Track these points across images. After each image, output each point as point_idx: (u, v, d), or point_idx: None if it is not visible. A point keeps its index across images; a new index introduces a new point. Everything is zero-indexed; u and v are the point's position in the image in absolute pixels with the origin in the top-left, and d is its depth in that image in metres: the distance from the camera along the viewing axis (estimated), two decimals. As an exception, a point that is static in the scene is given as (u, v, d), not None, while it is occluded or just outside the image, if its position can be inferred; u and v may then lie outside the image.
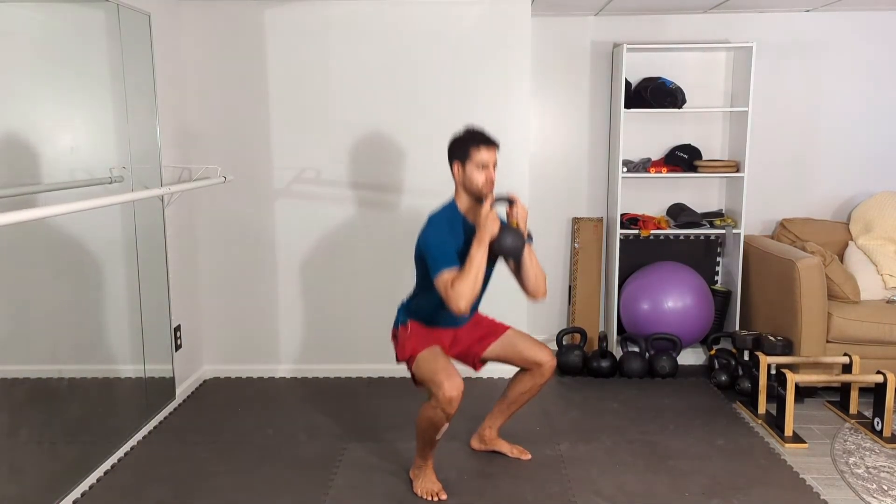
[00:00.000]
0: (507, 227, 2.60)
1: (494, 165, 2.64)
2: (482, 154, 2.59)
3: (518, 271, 2.74)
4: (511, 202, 2.63)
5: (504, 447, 3.04)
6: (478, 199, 2.63)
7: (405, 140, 3.80)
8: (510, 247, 2.58)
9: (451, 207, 2.70)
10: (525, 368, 2.88)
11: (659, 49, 4.07)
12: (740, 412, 3.49)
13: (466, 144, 2.62)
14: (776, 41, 4.13)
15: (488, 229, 2.52)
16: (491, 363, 2.92)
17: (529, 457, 3.01)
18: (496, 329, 2.90)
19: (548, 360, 2.83)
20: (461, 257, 2.54)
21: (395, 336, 2.83)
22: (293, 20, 3.71)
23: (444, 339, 2.79)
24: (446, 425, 2.60)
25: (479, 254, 2.49)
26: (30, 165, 2.60)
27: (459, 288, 2.44)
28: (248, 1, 3.69)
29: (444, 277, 2.47)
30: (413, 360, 2.68)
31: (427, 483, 2.73)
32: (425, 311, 2.75)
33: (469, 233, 2.62)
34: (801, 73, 4.18)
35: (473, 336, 2.87)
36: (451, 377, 2.52)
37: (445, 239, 2.57)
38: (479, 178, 2.60)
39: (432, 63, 3.74)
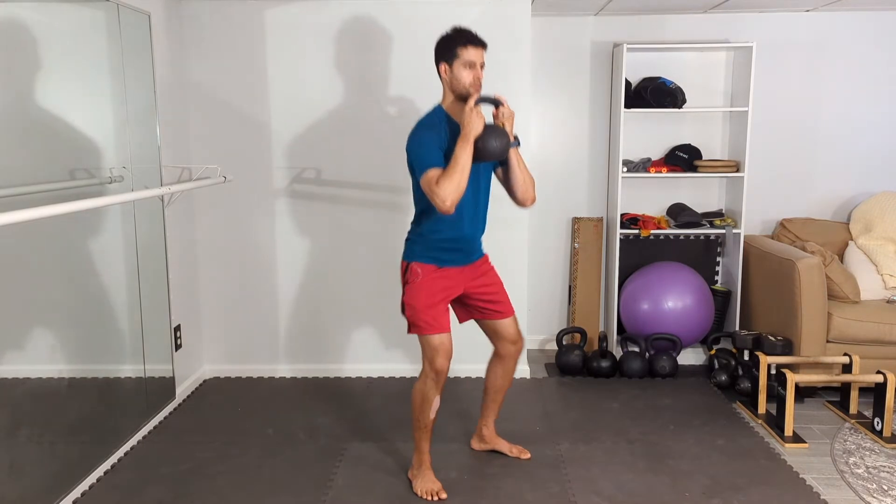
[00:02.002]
0: (492, 126, 2.55)
1: (482, 66, 2.60)
2: (469, 53, 2.55)
3: (506, 177, 2.72)
4: (497, 103, 2.59)
5: (504, 446, 3.04)
6: (464, 99, 2.58)
7: (405, 140, 3.79)
8: (495, 146, 2.52)
9: (436, 110, 2.66)
10: (495, 354, 2.91)
11: (659, 49, 4.07)
12: (740, 412, 3.49)
13: (454, 43, 2.57)
14: (776, 41, 4.13)
15: (472, 126, 2.47)
16: (481, 357, 2.94)
17: (529, 456, 3.02)
18: (506, 310, 2.85)
19: (515, 338, 2.85)
20: (447, 157, 2.49)
21: (403, 273, 2.73)
22: (293, 20, 3.71)
23: (455, 289, 2.72)
24: (437, 400, 2.65)
25: (463, 152, 2.44)
26: (30, 165, 2.59)
27: (444, 185, 2.39)
28: (248, 1, 3.69)
29: (429, 176, 2.43)
30: (420, 330, 2.65)
31: (426, 483, 2.73)
32: (431, 234, 2.67)
33: (454, 132, 2.56)
34: (801, 73, 4.18)
35: (485, 300, 2.80)
36: (446, 351, 2.61)
37: (430, 140, 2.52)
38: (466, 77, 2.56)
39: (432, 63, 3.73)
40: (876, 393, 3.23)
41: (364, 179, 3.84)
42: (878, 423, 3.22)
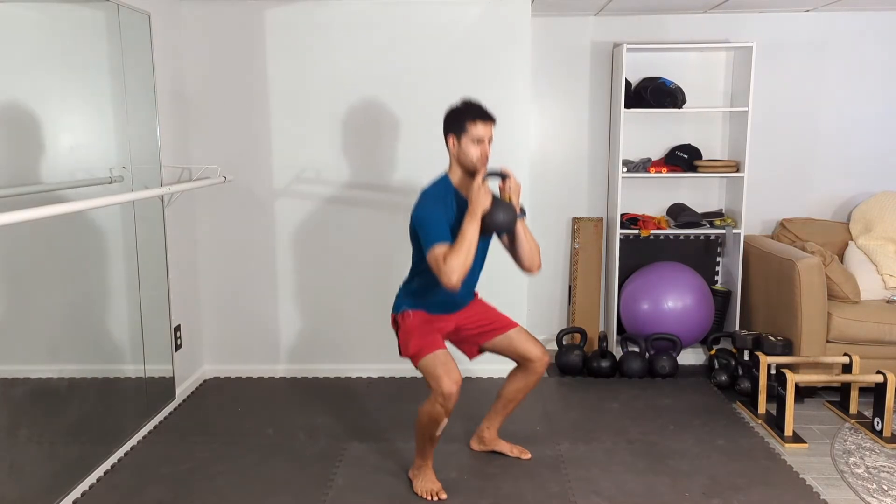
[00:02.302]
0: (499, 201, 2.57)
1: (490, 140, 2.61)
2: (478, 128, 2.56)
3: (512, 246, 2.73)
4: (504, 176, 2.60)
5: (504, 447, 3.04)
6: (471, 173, 2.59)
7: (405, 140, 3.80)
8: (502, 221, 2.55)
9: (443, 181, 2.67)
10: (518, 364, 2.88)
11: (659, 49, 4.07)
12: (740, 412, 3.49)
13: (463, 117, 2.58)
14: (776, 41, 4.13)
15: (480, 203, 2.49)
16: (487, 363, 2.92)
17: (529, 456, 3.02)
18: (503, 325, 2.87)
19: (539, 355, 2.82)
20: (454, 232, 2.51)
21: (395, 323, 2.79)
22: (293, 20, 3.71)
23: (447, 326, 2.77)
24: (445, 421, 2.61)
25: (470, 228, 2.46)
26: (30, 165, 2.60)
27: (451, 262, 2.40)
28: (248, 1, 3.69)
29: (436, 252, 2.44)
30: (417, 357, 2.66)
31: (427, 483, 2.73)
32: (424, 294, 2.71)
33: (462, 207, 2.58)
34: (801, 73, 4.18)
35: (478, 324, 2.84)
36: (449, 372, 2.52)
37: (437, 213, 2.54)
38: (473, 152, 2.57)
39: (432, 63, 3.74)
40: (876, 393, 3.23)
41: (364, 179, 3.84)
42: (878, 423, 3.22)
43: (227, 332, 3.99)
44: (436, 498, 2.68)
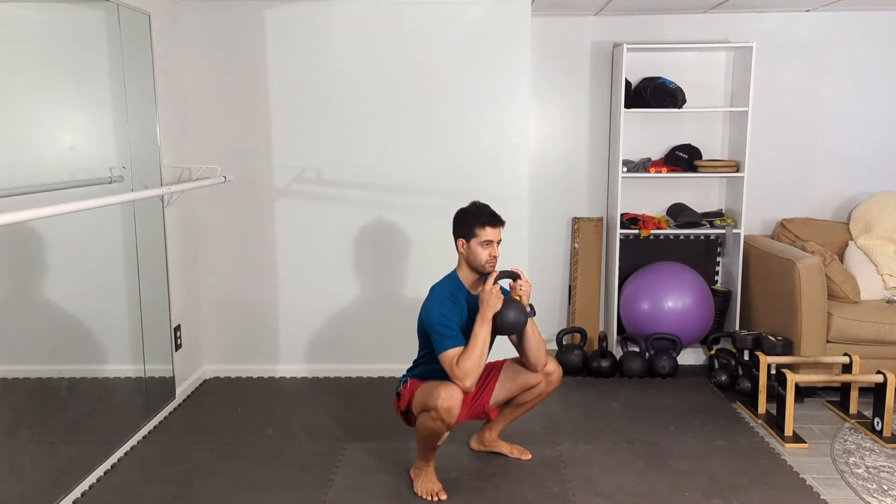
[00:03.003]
0: (510, 301, 2.62)
1: (499, 242, 2.66)
2: (487, 232, 2.62)
3: (520, 343, 2.76)
4: (515, 276, 2.65)
5: (504, 448, 3.04)
6: (481, 273, 2.66)
7: (405, 140, 3.80)
8: (513, 322, 2.61)
9: (453, 280, 2.71)
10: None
11: (659, 49, 4.07)
12: (740, 412, 3.49)
13: (472, 222, 2.64)
14: (776, 41, 4.13)
15: (492, 306, 2.55)
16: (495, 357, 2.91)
17: (529, 457, 3.02)
18: (491, 367, 2.86)
19: (554, 368, 2.83)
20: (464, 331, 2.57)
21: (397, 399, 2.83)
22: (293, 20, 3.71)
23: None
24: (447, 433, 2.62)
25: (482, 331, 2.52)
26: (30, 165, 2.59)
27: (465, 366, 2.47)
28: (248, 1, 3.69)
29: (450, 356, 2.50)
30: (412, 399, 2.68)
31: (427, 483, 2.73)
32: (430, 377, 2.73)
33: (472, 306, 2.64)
34: (801, 73, 4.18)
35: (476, 387, 2.81)
36: (447, 388, 2.53)
37: (449, 314, 2.58)
38: (482, 255, 2.62)
39: (432, 63, 3.74)
40: (876, 393, 3.23)
41: (364, 179, 3.84)
42: (878, 423, 3.22)
43: (227, 332, 3.99)
44: (436, 498, 2.68)
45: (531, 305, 2.71)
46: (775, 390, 3.35)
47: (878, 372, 3.23)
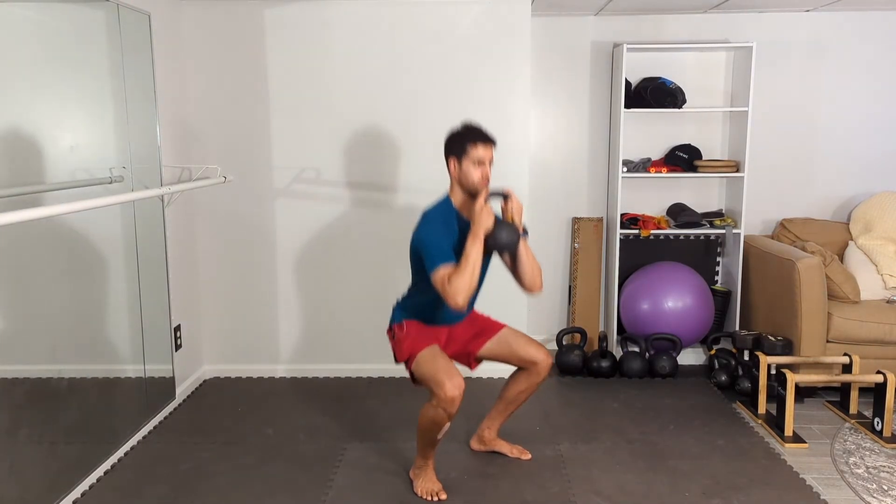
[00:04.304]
0: (501, 221, 2.59)
1: (490, 162, 2.63)
2: (479, 151, 2.59)
3: (514, 266, 2.74)
4: (506, 197, 2.62)
5: (504, 447, 3.04)
6: (473, 195, 2.62)
7: (405, 140, 3.80)
8: (505, 241, 2.57)
9: (445, 203, 2.69)
10: (521, 368, 2.88)
11: (659, 49, 4.07)
12: (740, 412, 3.49)
13: (463, 140, 2.61)
14: (776, 41, 4.13)
15: (483, 224, 2.51)
16: (488, 363, 2.92)
17: (529, 456, 3.02)
18: (491, 327, 2.89)
19: (543, 358, 2.82)
20: (456, 253, 2.53)
21: (391, 334, 2.81)
22: (293, 20, 3.71)
23: (441, 336, 2.79)
24: (448, 424, 2.60)
25: (474, 249, 2.48)
26: (30, 165, 2.60)
27: (456, 283, 2.43)
28: (248, 1, 3.69)
29: (441, 273, 2.46)
30: (412, 359, 2.67)
31: (427, 483, 2.73)
32: (422, 309, 2.74)
33: (464, 228, 2.61)
34: (801, 73, 4.18)
35: (468, 334, 2.86)
36: (451, 376, 2.52)
37: (440, 235, 2.56)
38: (474, 174, 2.59)
39: (432, 63, 3.74)
40: (876, 393, 3.23)
41: (364, 179, 3.84)
42: (878, 423, 3.22)
43: (227, 332, 3.99)
44: (436, 498, 2.68)
45: (524, 227, 2.69)
46: (775, 390, 3.35)
47: (878, 372, 3.23)
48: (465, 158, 2.60)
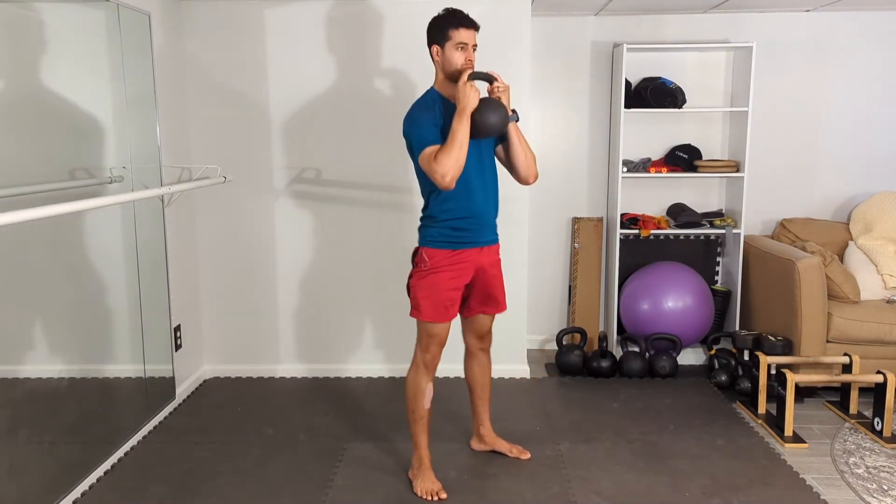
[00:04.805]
0: (488, 100, 2.53)
1: (475, 47, 2.60)
2: (461, 34, 2.54)
3: (507, 154, 2.72)
4: (491, 79, 2.58)
5: (503, 447, 3.04)
6: (457, 80, 2.55)
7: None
8: (494, 120, 2.49)
9: (430, 92, 2.66)
10: (467, 350, 2.98)
11: (659, 49, 4.07)
12: (740, 412, 3.49)
13: (446, 25, 2.57)
14: (776, 41, 4.13)
15: (468, 100, 2.45)
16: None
17: (529, 456, 3.02)
18: (500, 303, 2.88)
19: (482, 332, 2.92)
20: (444, 135, 2.49)
21: (417, 256, 2.69)
22: (293, 20, 3.71)
23: (467, 274, 2.69)
24: (431, 387, 2.71)
25: (461, 126, 2.43)
26: (30, 165, 2.59)
27: (442, 160, 2.39)
28: (248, 1, 3.69)
29: (427, 153, 2.44)
30: (422, 316, 2.66)
31: (427, 483, 2.73)
32: (444, 214, 2.63)
33: (450, 112, 2.54)
34: (801, 73, 4.18)
35: (489, 289, 2.80)
36: (435, 346, 2.68)
37: (425, 119, 2.52)
38: (458, 58, 2.56)
39: (432, 63, 3.73)
40: (876, 393, 3.23)
41: (364, 179, 3.84)
42: (878, 423, 3.22)
43: (227, 332, 3.99)
44: (436, 498, 2.68)
45: (514, 110, 2.63)
46: (775, 390, 3.35)
47: (878, 372, 3.23)
48: (448, 43, 2.56)
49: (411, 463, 2.83)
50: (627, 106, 3.98)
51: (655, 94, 4.00)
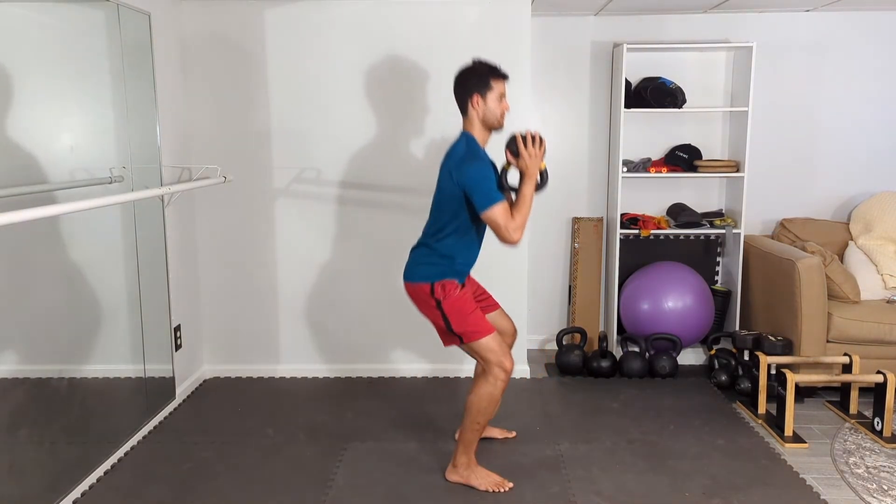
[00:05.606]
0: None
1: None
2: (501, 85, 2.66)
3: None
4: (525, 139, 2.64)
5: (495, 433, 3.12)
6: (492, 130, 2.69)
7: (405, 140, 3.80)
8: (542, 186, 2.71)
9: (471, 140, 2.68)
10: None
11: (659, 49, 4.07)
12: (740, 412, 3.49)
13: (486, 76, 2.65)
14: (776, 41, 4.13)
15: (537, 165, 2.62)
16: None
17: (514, 434, 3.14)
18: (492, 299, 2.98)
19: (513, 328, 3.02)
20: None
21: (430, 294, 2.68)
22: (293, 20, 3.71)
23: (469, 290, 2.81)
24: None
25: (529, 188, 2.59)
26: (30, 165, 2.60)
27: (519, 220, 2.53)
28: (248, 1, 3.69)
29: (499, 210, 2.51)
30: (474, 336, 2.65)
31: (489, 477, 2.76)
32: (455, 256, 2.69)
33: (491, 164, 2.67)
34: (801, 73, 4.18)
35: (483, 295, 2.94)
36: (507, 353, 2.67)
37: (488, 171, 2.59)
38: (498, 109, 2.65)
39: (432, 63, 3.74)
40: (876, 393, 3.23)
41: (364, 179, 3.84)
42: (878, 423, 3.22)
43: (227, 332, 3.99)
44: (505, 488, 2.73)
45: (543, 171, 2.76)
46: (775, 390, 3.35)
47: (878, 372, 3.23)
48: (490, 93, 2.64)
49: (453, 463, 2.80)
50: (627, 106, 3.98)
51: (655, 94, 4.00)
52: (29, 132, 2.59)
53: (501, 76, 2.66)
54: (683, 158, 4.13)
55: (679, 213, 4.12)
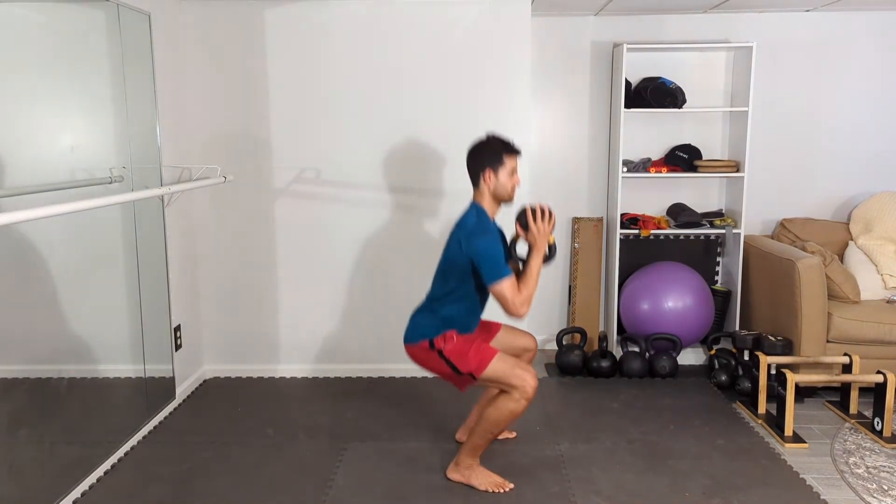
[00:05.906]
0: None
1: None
2: (513, 161, 2.71)
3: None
4: (534, 212, 2.70)
5: None
6: (501, 202, 2.75)
7: (405, 140, 3.80)
8: (549, 260, 2.77)
9: (481, 212, 2.73)
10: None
11: (659, 49, 4.07)
12: (740, 412, 3.49)
13: (500, 152, 2.69)
14: (776, 41, 4.13)
15: (546, 240, 2.69)
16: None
17: (514, 435, 3.13)
18: (492, 328, 2.98)
19: (533, 343, 3.02)
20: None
21: (431, 349, 2.74)
22: (293, 20, 3.71)
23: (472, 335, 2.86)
24: None
25: (537, 263, 2.65)
26: (30, 165, 2.59)
27: (526, 294, 2.57)
28: (248, 1, 3.69)
29: (507, 284, 2.54)
30: (481, 368, 2.65)
31: (490, 477, 2.76)
32: (457, 318, 2.75)
33: (500, 236, 2.73)
34: (802, 73, 4.18)
35: (480, 335, 2.93)
36: (525, 368, 2.64)
37: (496, 245, 2.63)
38: (510, 184, 2.71)
39: (432, 63, 3.74)
40: (876, 393, 3.23)
41: (364, 179, 3.84)
42: (878, 423, 3.22)
43: (227, 332, 3.99)
44: (506, 489, 2.73)
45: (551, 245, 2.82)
46: (775, 390, 3.35)
47: (878, 372, 3.23)
48: (502, 168, 2.69)
49: (456, 462, 2.81)
50: (627, 106, 3.98)
51: (655, 94, 4.00)
52: (29, 132, 2.59)
53: (514, 151, 2.72)
54: (683, 158, 4.13)
55: (679, 213, 4.12)
